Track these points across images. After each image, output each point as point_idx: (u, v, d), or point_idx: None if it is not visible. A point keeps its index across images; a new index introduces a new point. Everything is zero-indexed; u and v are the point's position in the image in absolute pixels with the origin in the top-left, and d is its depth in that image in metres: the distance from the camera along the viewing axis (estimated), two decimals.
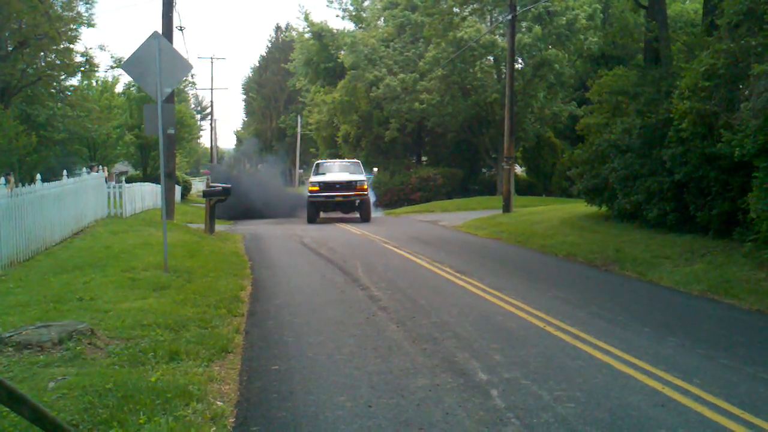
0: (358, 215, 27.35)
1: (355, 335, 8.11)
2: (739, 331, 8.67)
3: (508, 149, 26.39)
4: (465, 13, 34.87)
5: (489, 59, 39.33)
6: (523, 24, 35.15)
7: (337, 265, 13.99)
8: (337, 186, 25.79)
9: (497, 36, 36.67)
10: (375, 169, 29.39)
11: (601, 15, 35.59)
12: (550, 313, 9.22)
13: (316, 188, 25.69)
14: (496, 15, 36.91)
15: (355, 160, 29.97)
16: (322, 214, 28.43)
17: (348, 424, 5.36)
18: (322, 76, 47.03)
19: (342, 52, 43.39)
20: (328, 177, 26.49)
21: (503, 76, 34.84)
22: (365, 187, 26.16)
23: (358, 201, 26.33)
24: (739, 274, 11.59)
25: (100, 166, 25.91)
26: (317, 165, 29.07)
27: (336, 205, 26.59)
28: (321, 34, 44.74)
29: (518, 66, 35.83)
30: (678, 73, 17.61)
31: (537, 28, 35.03)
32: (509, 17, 25.99)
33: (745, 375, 6.64)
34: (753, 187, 12.37)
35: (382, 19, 45.16)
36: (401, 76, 38.71)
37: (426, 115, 38.65)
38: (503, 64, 35.72)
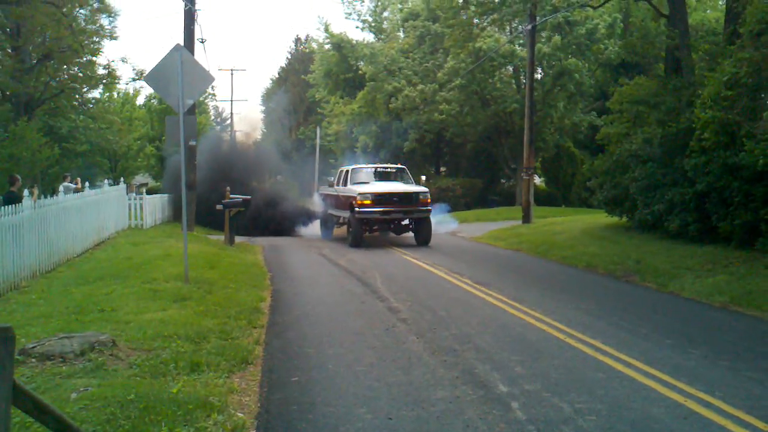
0: (411, 236, 21.73)
1: (375, 347, 8.10)
2: (763, 342, 8.57)
3: (528, 159, 26.31)
4: (485, 24, 34.88)
5: (508, 69, 39.31)
6: (543, 34, 35.08)
7: (357, 276, 14.00)
8: (395, 199, 19.84)
9: (517, 46, 36.64)
10: (423, 178, 24.16)
11: (621, 24, 35.48)
12: (571, 325, 9.16)
13: (368, 202, 19.47)
14: (515, 25, 36.86)
15: (399, 166, 23.15)
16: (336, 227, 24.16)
17: None
18: (342, 87, 47.18)
19: (361, 63, 43.52)
20: (381, 187, 20.37)
21: (523, 86, 34.80)
22: (429, 200, 20.50)
23: (418, 219, 20.53)
24: (762, 285, 11.46)
25: (78, 178, 25.40)
26: (351, 171, 22.15)
27: (388, 223, 20.86)
28: (341, 45, 44.90)
29: (538, 76, 35.77)
30: (700, 82, 17.52)
31: (556, 38, 34.97)
32: (529, 27, 25.98)
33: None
34: None
35: (401, 30, 45.27)
36: (420, 86, 38.76)
37: (445, 125, 38.68)
38: (523, 74, 35.69)
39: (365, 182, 21.06)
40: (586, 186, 27.38)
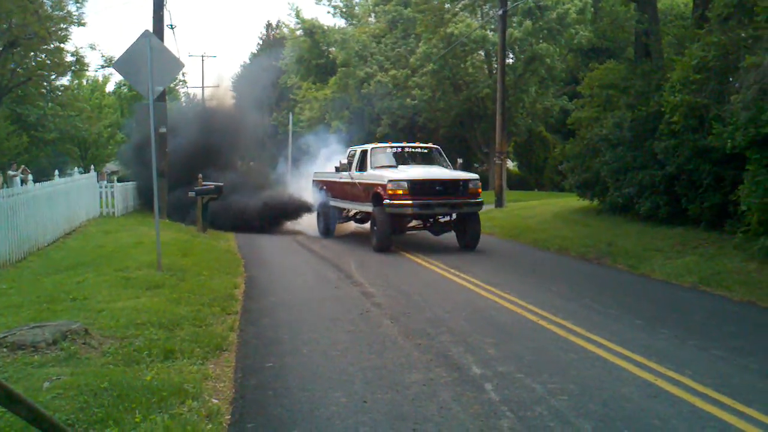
0: (451, 235, 16.82)
1: (349, 331, 8.13)
2: (731, 322, 8.74)
3: (500, 144, 26.43)
4: (456, 9, 34.93)
5: (480, 54, 39.35)
6: (514, 19, 35.15)
7: (331, 262, 14.02)
8: (438, 188, 15.22)
9: (488, 31, 36.68)
10: (460, 160, 19.09)
11: (592, 9, 35.63)
12: (544, 307, 9.25)
13: (401, 192, 14.92)
14: (486, 10, 36.93)
15: (432, 145, 18.32)
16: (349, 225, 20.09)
17: (343, 419, 5.38)
18: (314, 72, 46.97)
19: (333, 49, 43.33)
20: (418, 173, 15.63)
21: (494, 71, 34.89)
22: (480, 190, 15.87)
23: (466, 214, 15.81)
24: (730, 265, 11.66)
25: (22, 166, 24.78)
26: (370, 152, 17.06)
27: (425, 220, 16.54)
28: (312, 31, 44.67)
29: (509, 61, 35.87)
30: (668, 66, 17.70)
31: (528, 23, 35.06)
32: (500, 12, 26.00)
33: (736, 366, 6.70)
34: (744, 179, 12.43)
35: (373, 15, 45.13)
36: (393, 72, 38.71)
37: (418, 111, 38.68)
38: (494, 59, 35.80)
39: (390, 166, 16.38)
40: (557, 170, 27.56)
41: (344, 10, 48.33)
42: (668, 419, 5.33)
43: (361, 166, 16.89)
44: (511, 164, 44.06)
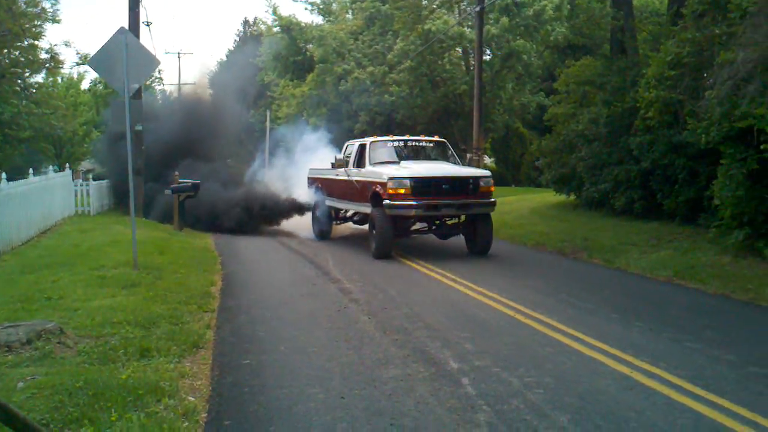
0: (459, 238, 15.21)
1: (327, 328, 8.13)
2: (705, 314, 8.84)
3: (477, 140, 26.48)
4: (434, 6, 34.94)
5: (458, 51, 39.37)
6: (491, 15, 35.19)
7: (308, 259, 14.01)
8: (445, 187, 13.65)
9: (465, 28, 36.70)
10: (468, 156, 19.23)
11: (568, 6, 35.79)
12: (520, 302, 9.30)
13: (403, 191, 13.41)
14: (464, 7, 36.98)
15: (438, 139, 16.53)
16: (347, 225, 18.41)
17: (321, 415, 5.38)
18: (291, 69, 46.75)
19: (310, 46, 43.19)
20: (422, 169, 14.14)
21: (472, 68, 34.92)
22: (492, 188, 14.29)
23: (477, 215, 14.16)
24: (704, 259, 11.80)
25: None
26: (369, 147, 15.43)
27: (431, 222, 14.79)
28: (289, 28, 44.48)
29: (486, 57, 35.89)
30: (644, 63, 17.83)
31: (504, 20, 35.12)
32: (477, 9, 26.04)
33: (710, 357, 6.78)
34: (718, 174, 12.56)
35: (350, 12, 45.02)
36: (370, 69, 38.64)
37: (395, 107, 38.65)
38: (472, 55, 35.81)
39: (391, 162, 14.75)
40: (534, 165, 27.72)
41: (321, 6, 48.15)
42: (643, 411, 5.39)
43: (359, 162, 15.32)
44: (488, 160, 44.20)
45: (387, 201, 13.44)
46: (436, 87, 38.06)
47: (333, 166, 16.28)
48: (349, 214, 17.29)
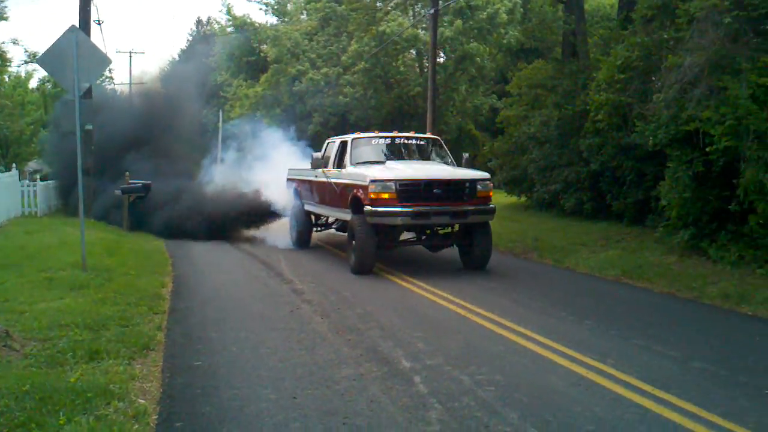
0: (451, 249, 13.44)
1: (279, 328, 8.11)
2: (651, 312, 9.04)
3: None
4: (388, 8, 35.04)
5: (412, 53, 39.55)
6: (445, 18, 35.43)
7: (260, 259, 13.93)
8: (436, 191, 11.80)
9: (420, 30, 36.91)
10: (465, 155, 15.45)
11: (521, 9, 36.21)
12: (472, 302, 9.39)
13: (387, 195, 11.65)
14: (418, 9, 37.15)
15: (430, 136, 15.39)
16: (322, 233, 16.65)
17: (273, 416, 5.37)
18: (245, 70, 46.48)
19: (265, 46, 42.97)
20: (410, 170, 12.33)
21: (426, 70, 35.12)
22: (491, 193, 12.65)
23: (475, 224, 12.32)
24: (651, 258, 12.06)
25: None
26: (351, 144, 13.57)
27: (421, 232, 13.04)
28: (243, 28, 44.23)
29: (440, 60, 36.12)
30: (594, 66, 18.14)
31: (458, 22, 35.38)
32: (431, 11, 26.18)
33: (656, 354, 6.94)
34: (665, 175, 12.85)
35: (305, 13, 44.90)
36: (324, 70, 38.58)
37: (349, 108, 38.65)
38: (426, 57, 36.01)
39: (376, 162, 12.91)
40: (486, 167, 27.96)
41: (276, 7, 47.96)
42: (591, 407, 5.49)
43: (339, 162, 13.52)
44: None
45: (368, 207, 11.60)
46: (390, 89, 38.19)
47: (314, 165, 14.26)
48: (330, 220, 15.28)
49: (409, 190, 11.66)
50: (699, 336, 7.85)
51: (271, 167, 18.19)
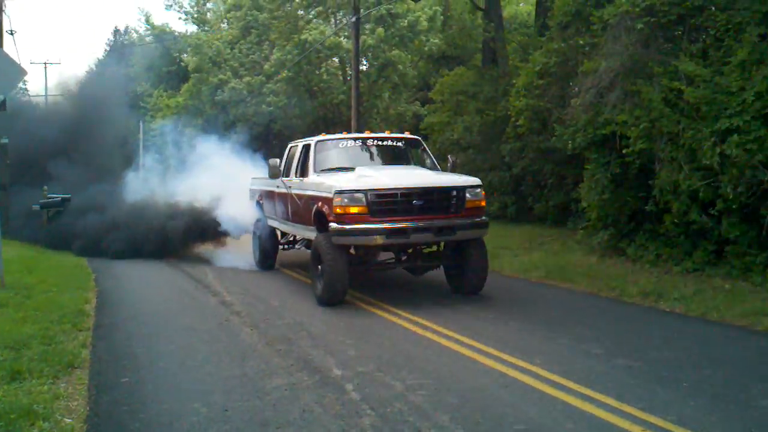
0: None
1: (208, 341, 8.02)
2: (575, 312, 9.31)
3: None
4: (310, 16, 35.04)
5: (334, 61, 39.62)
6: (367, 26, 35.60)
7: (187, 272, 13.72)
8: (417, 202, 9.85)
9: (342, 38, 37.00)
10: (451, 159, 12.91)
11: (442, 17, 36.68)
12: (399, 307, 9.47)
13: (357, 209, 9.70)
14: (340, 17, 37.25)
15: (409, 136, 12.73)
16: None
17: (204, 429, 5.31)
18: (165, 80, 45.77)
19: (185, 56, 42.40)
20: (384, 177, 10.33)
21: (349, 78, 35.22)
22: (483, 203, 10.55)
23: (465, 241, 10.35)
24: (573, 259, 12.40)
25: None
26: (315, 147, 11.53)
27: (400, 252, 10.83)
28: (163, 37, 43.56)
29: (363, 67, 36.26)
30: (514, 73, 18.52)
31: (380, 30, 35.60)
32: (353, 19, 26.31)
33: (580, 352, 7.15)
34: (584, 178, 13.22)
35: (225, 21, 44.50)
36: (247, 78, 38.29)
37: (273, 117, 38.45)
38: (349, 65, 36.11)
39: (344, 168, 10.93)
40: None
41: (196, 16, 47.38)
42: (519, 405, 5.62)
43: (302, 170, 11.57)
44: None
45: (334, 224, 9.63)
46: (314, 97, 38.13)
47: (272, 174, 12.04)
48: (294, 239, 13.00)
49: (383, 203, 9.70)
50: (621, 333, 8.10)
51: (218, 177, 15.97)
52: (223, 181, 15.62)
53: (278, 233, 13.66)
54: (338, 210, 9.62)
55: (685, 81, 11.35)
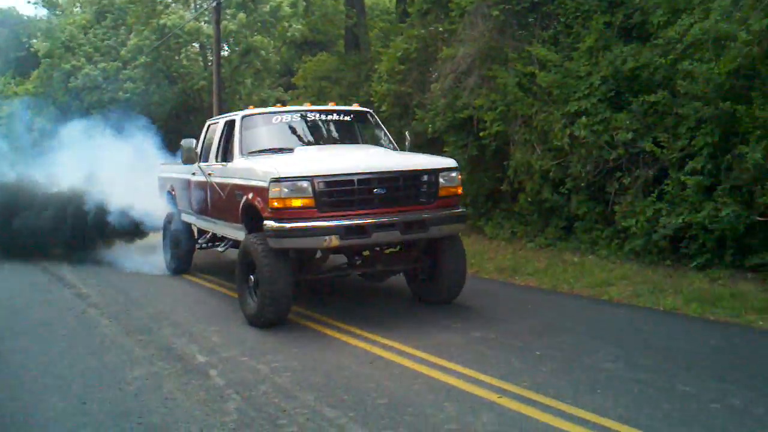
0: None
1: (64, 335, 7.71)
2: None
3: None
4: (169, 0, 34.07)
5: (195, 47, 38.74)
6: (228, 11, 35.02)
7: (39, 265, 12.91)
8: (378, 190, 7.63)
9: (202, 23, 36.23)
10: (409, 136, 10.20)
11: (304, 2, 36.55)
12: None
13: (301, 202, 7.41)
14: (200, 2, 36.42)
15: (360, 108, 10.03)
16: None
17: (61, 423, 5.15)
18: (13, 66, 43.31)
19: (35, 41, 40.28)
20: (332, 161, 8.00)
21: (210, 64, 34.56)
22: (459, 189, 8.39)
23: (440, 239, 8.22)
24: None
25: None
26: (242, 124, 9.03)
27: (354, 255, 8.49)
28: (9, 21, 41.16)
29: (225, 53, 35.69)
30: (376, 58, 18.71)
31: (242, 15, 35.10)
32: (214, 4, 25.80)
33: (441, 327, 7.41)
34: None
35: (78, 6, 42.57)
36: (102, 64, 36.81)
37: (130, 104, 37.18)
38: (210, 51, 35.41)
39: (281, 149, 8.70)
40: None
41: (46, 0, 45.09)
42: (382, 381, 5.74)
43: (225, 153, 9.26)
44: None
45: (270, 222, 7.43)
46: (174, 83, 37.16)
47: (187, 158, 9.62)
48: (220, 235, 10.08)
49: (334, 192, 7.51)
50: (478, 308, 8.38)
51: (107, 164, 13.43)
52: (114, 168, 13.16)
53: (194, 230, 11.37)
54: (276, 203, 7.38)
55: (537, 66, 11.87)
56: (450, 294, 8.47)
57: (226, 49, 36.69)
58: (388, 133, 9.73)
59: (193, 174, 10.14)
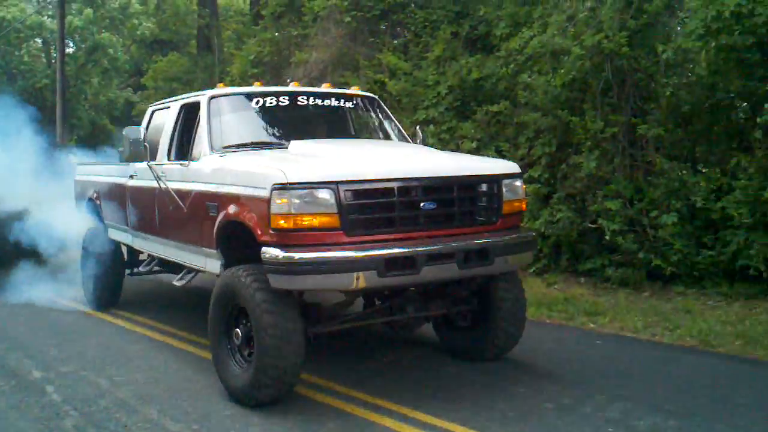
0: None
1: None
2: None
3: (61, 137, 25.08)
4: None
5: (37, 42, 36.92)
6: (74, 6, 33.59)
7: None
8: (426, 203, 5.21)
9: (45, 17, 34.58)
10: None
11: (155, 1, 35.61)
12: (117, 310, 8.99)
13: (324, 218, 4.92)
14: None
15: (364, 93, 7.78)
16: None
17: None
18: None
19: None
20: (358, 158, 5.46)
21: (54, 61, 33.01)
22: (524, 204, 6.06)
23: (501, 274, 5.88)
24: None
25: None
26: (209, 108, 6.35)
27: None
28: None
29: (70, 50, 34.21)
30: (229, 60, 18.51)
31: (88, 11, 33.79)
32: None
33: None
34: None
35: None
36: None
37: None
38: (53, 47, 33.83)
39: (267, 144, 6.36)
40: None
41: None
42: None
43: (184, 148, 6.72)
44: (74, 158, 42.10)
45: (273, 250, 4.97)
46: (14, 80, 35.24)
47: (131, 156, 6.94)
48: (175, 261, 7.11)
49: (368, 205, 5.14)
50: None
51: None
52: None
53: (124, 251, 8.70)
54: (282, 222, 4.97)
55: (388, 74, 12.12)
56: (503, 347, 6.27)
57: (71, 45, 35.19)
58: (402, 130, 7.36)
59: (131, 177, 7.67)
